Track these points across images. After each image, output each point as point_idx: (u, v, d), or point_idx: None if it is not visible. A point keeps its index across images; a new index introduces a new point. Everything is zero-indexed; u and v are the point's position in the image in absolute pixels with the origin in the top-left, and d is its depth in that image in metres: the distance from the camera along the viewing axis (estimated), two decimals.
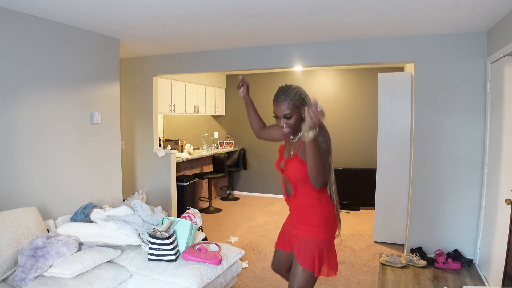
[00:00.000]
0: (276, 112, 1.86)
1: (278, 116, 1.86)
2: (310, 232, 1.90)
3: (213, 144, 6.96)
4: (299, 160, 1.84)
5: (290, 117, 1.83)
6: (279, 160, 2.03)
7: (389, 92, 4.23)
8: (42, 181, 3.09)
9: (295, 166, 1.85)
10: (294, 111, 1.82)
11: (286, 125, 1.85)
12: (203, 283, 2.49)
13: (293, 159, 1.88)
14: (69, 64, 3.31)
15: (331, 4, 2.76)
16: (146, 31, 3.59)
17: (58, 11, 2.90)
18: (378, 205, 4.36)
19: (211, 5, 2.79)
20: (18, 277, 2.28)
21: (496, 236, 3.06)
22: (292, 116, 1.83)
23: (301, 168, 1.82)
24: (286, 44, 4.19)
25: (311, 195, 1.88)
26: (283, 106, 1.82)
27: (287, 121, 1.84)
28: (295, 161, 1.86)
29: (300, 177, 1.84)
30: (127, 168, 4.97)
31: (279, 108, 1.83)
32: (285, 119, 1.84)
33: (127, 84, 4.96)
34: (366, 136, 6.03)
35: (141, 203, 3.10)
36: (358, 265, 3.67)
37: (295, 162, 1.86)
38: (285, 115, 1.83)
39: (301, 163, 1.82)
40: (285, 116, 1.83)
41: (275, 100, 1.86)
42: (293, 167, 1.86)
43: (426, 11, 2.92)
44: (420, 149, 3.76)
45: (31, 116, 2.99)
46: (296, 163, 1.85)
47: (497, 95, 3.20)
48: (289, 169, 1.87)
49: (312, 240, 1.88)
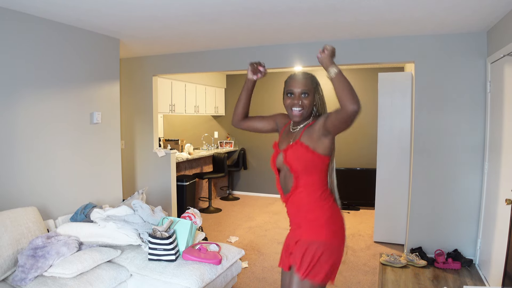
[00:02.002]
0: (292, 88, 1.70)
1: (293, 92, 1.70)
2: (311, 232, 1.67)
3: (213, 144, 6.96)
4: (304, 145, 1.66)
5: (307, 96, 1.69)
6: (275, 156, 1.81)
7: (389, 92, 4.23)
8: (42, 181, 3.09)
9: (299, 152, 1.66)
10: (311, 91, 1.70)
11: (300, 105, 1.68)
12: (203, 283, 2.49)
13: (295, 144, 1.69)
14: (69, 64, 3.31)
15: (330, 4, 2.76)
16: (146, 31, 3.59)
17: (58, 11, 2.90)
18: (378, 205, 4.36)
19: (211, 5, 2.79)
20: (18, 277, 2.28)
21: (496, 236, 3.06)
22: (309, 95, 1.69)
23: (306, 155, 1.64)
24: (286, 44, 4.19)
25: (314, 187, 1.67)
26: (301, 82, 1.69)
27: (303, 100, 1.68)
28: (298, 146, 1.67)
29: (304, 164, 1.65)
30: (127, 168, 4.97)
31: (297, 84, 1.69)
32: (302, 97, 1.69)
33: (127, 84, 4.96)
34: (366, 136, 6.02)
35: (141, 203, 3.10)
36: (358, 265, 3.67)
37: (299, 147, 1.67)
38: (303, 91, 1.68)
39: (306, 149, 1.65)
40: (302, 93, 1.68)
41: (292, 78, 1.73)
42: (296, 152, 1.67)
43: (426, 11, 2.92)
44: (420, 149, 3.76)
45: (31, 116, 2.99)
46: (300, 148, 1.66)
47: (497, 95, 3.20)
48: (291, 156, 1.68)
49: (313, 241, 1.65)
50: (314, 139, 1.66)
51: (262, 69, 1.90)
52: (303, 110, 1.70)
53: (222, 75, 6.98)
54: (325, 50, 1.56)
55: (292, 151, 1.68)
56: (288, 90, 1.73)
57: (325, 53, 1.56)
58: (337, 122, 1.54)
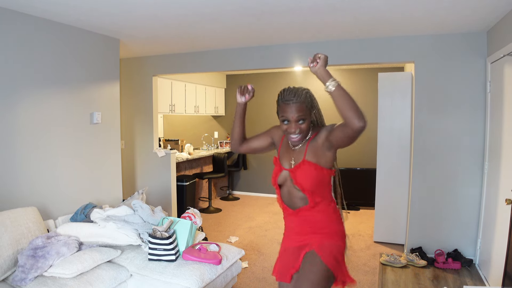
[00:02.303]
0: (286, 116, 1.62)
1: (288, 120, 1.62)
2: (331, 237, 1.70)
3: (213, 144, 6.96)
4: (311, 164, 1.63)
5: (304, 121, 1.62)
6: (277, 172, 1.74)
7: (389, 92, 4.23)
8: (42, 181, 3.09)
9: (308, 172, 1.62)
10: (307, 114, 1.62)
11: (298, 131, 1.63)
12: (203, 283, 2.49)
13: (302, 164, 1.65)
14: (69, 64, 3.31)
15: (330, 4, 2.76)
16: (146, 31, 3.59)
17: (58, 11, 2.90)
18: (378, 205, 4.36)
19: (211, 5, 2.79)
20: (18, 277, 2.28)
21: (496, 236, 3.06)
22: (305, 120, 1.62)
23: (315, 172, 1.62)
24: (286, 44, 4.19)
25: (326, 201, 1.70)
26: (295, 108, 1.59)
27: (300, 126, 1.62)
28: (306, 166, 1.63)
29: (315, 182, 1.63)
30: (127, 168, 4.97)
31: (290, 111, 1.60)
32: (298, 124, 1.62)
33: (127, 84, 4.96)
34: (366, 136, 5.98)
35: (141, 203, 3.10)
36: (358, 265, 3.67)
37: (307, 167, 1.63)
38: (298, 118, 1.60)
39: (314, 167, 1.62)
40: (297, 120, 1.61)
41: (284, 102, 1.62)
42: (305, 173, 1.63)
43: (426, 11, 2.92)
44: (420, 149, 3.76)
45: (31, 116, 2.99)
46: (308, 167, 1.63)
47: (497, 95, 3.20)
48: (302, 177, 1.64)
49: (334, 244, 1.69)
50: (319, 155, 1.64)
51: (250, 87, 1.82)
52: (301, 135, 1.65)
53: (222, 75, 6.98)
54: (317, 59, 1.47)
55: (302, 172, 1.64)
56: (282, 117, 1.64)
57: (318, 63, 1.46)
58: (343, 138, 1.52)
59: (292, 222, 1.78)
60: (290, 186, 1.71)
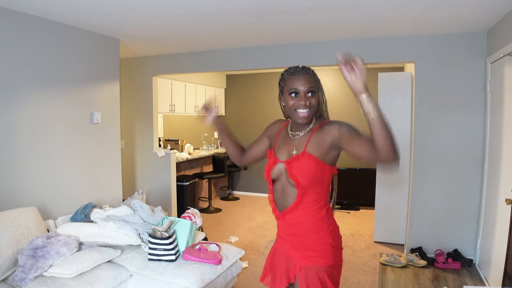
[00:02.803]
0: (295, 87, 1.46)
1: (298, 91, 1.46)
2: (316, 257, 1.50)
3: (213, 144, 6.95)
4: (312, 157, 1.46)
5: (313, 94, 1.47)
6: (271, 165, 1.56)
7: (389, 92, 4.23)
8: (42, 181, 3.09)
9: (306, 165, 1.45)
10: (316, 89, 1.48)
11: (308, 105, 1.46)
12: (203, 283, 2.49)
13: (301, 156, 1.47)
14: (69, 64, 3.31)
15: (330, 4, 2.76)
16: (146, 31, 3.59)
17: (58, 11, 2.90)
18: (378, 205, 4.36)
19: (211, 5, 2.79)
20: (18, 277, 2.28)
21: (496, 236, 3.06)
22: (315, 93, 1.47)
23: (315, 167, 1.45)
24: (286, 44, 4.19)
25: (317, 204, 1.50)
26: (305, 79, 1.45)
27: (310, 99, 1.46)
28: (306, 158, 1.46)
29: (312, 178, 1.46)
30: (127, 168, 4.97)
31: (299, 82, 1.45)
32: (308, 96, 1.46)
33: (127, 84, 4.96)
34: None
35: (141, 203, 3.10)
36: (358, 265, 3.67)
37: (306, 159, 1.46)
38: (308, 89, 1.45)
39: (315, 161, 1.45)
40: (309, 91, 1.46)
41: (291, 74, 1.48)
42: (303, 165, 1.46)
43: (426, 11, 2.92)
44: (420, 149, 3.76)
45: (31, 116, 2.99)
46: (308, 160, 1.46)
47: (497, 95, 3.20)
48: (298, 169, 1.46)
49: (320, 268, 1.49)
50: (323, 150, 1.47)
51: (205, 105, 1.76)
52: (310, 111, 1.47)
53: (222, 75, 6.98)
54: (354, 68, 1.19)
55: (299, 164, 1.47)
56: (291, 89, 1.47)
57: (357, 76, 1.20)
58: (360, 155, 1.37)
59: (284, 229, 1.60)
60: (285, 181, 1.53)
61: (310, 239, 1.52)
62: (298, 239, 1.54)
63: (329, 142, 1.47)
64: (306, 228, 1.52)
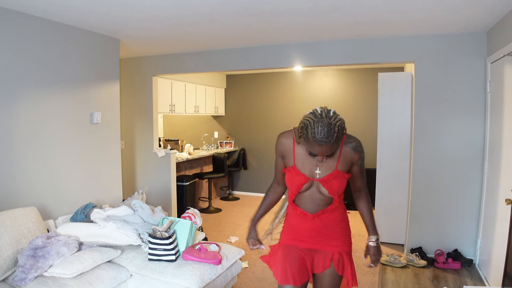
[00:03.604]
0: (316, 153, 1.58)
1: (317, 154, 1.60)
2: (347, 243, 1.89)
3: (213, 144, 6.96)
4: (344, 174, 1.71)
5: (333, 155, 1.66)
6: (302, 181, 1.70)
7: (389, 92, 4.23)
8: (42, 181, 3.09)
9: (340, 181, 1.70)
10: (338, 147, 1.62)
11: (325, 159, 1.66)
12: (203, 283, 2.49)
13: (336, 175, 1.69)
14: (69, 64, 3.31)
15: (330, 4, 2.76)
16: (146, 31, 3.59)
17: (58, 11, 2.90)
18: (378, 205, 4.36)
19: (211, 5, 2.79)
20: (18, 277, 2.28)
21: (496, 236, 3.06)
22: (334, 153, 1.65)
23: (345, 181, 1.73)
24: (286, 44, 4.19)
25: (342, 202, 1.87)
26: (326, 148, 1.53)
27: (327, 157, 1.66)
28: (340, 176, 1.70)
29: (343, 189, 1.74)
30: (127, 168, 4.97)
31: (323, 151, 1.55)
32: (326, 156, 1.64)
33: (127, 84, 4.96)
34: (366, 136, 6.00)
35: (141, 203, 3.10)
36: (358, 265, 3.66)
37: (341, 177, 1.70)
38: (328, 154, 1.61)
39: (345, 176, 1.72)
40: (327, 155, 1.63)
41: (316, 143, 1.51)
42: (339, 182, 1.70)
43: (426, 11, 2.92)
44: (420, 149, 3.76)
45: (31, 116, 2.99)
46: (342, 177, 1.70)
47: (497, 95, 3.20)
48: (335, 186, 1.69)
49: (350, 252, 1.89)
50: (347, 166, 1.73)
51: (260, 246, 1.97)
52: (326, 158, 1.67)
53: (222, 75, 6.98)
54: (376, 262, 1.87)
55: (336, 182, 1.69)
56: (311, 151, 1.60)
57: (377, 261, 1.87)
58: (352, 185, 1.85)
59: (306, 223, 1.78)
60: (314, 191, 1.73)
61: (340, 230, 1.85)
62: (330, 232, 1.80)
63: (350, 162, 1.73)
64: (339, 222, 1.82)
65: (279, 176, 1.87)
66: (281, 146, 1.77)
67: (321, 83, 6.34)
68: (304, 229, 1.79)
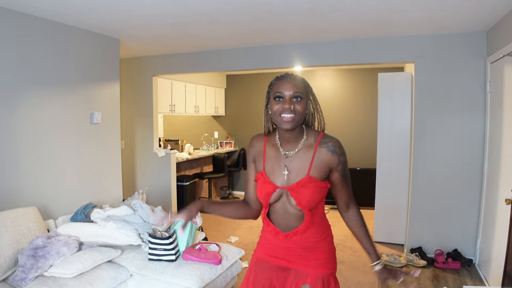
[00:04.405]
0: (282, 91, 1.39)
1: (283, 96, 1.38)
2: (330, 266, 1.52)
3: (213, 144, 6.96)
4: (316, 181, 1.42)
5: (300, 100, 1.39)
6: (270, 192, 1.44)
7: (389, 92, 4.23)
8: (42, 181, 3.10)
9: (312, 189, 1.41)
10: (304, 95, 1.40)
11: (292, 110, 1.37)
12: (203, 283, 2.49)
13: (307, 181, 1.41)
14: (69, 64, 3.31)
15: (330, 4, 2.77)
16: (146, 31, 3.59)
17: (58, 11, 2.90)
18: (378, 205, 4.36)
19: (211, 5, 2.79)
20: (18, 277, 2.28)
21: (496, 236, 3.06)
22: (302, 99, 1.39)
23: (320, 189, 1.43)
24: (286, 44, 4.19)
25: (323, 217, 1.52)
26: (291, 84, 1.39)
27: (295, 104, 1.38)
28: (312, 183, 1.41)
29: (318, 200, 1.44)
30: (127, 168, 4.97)
31: (288, 86, 1.38)
32: (293, 101, 1.38)
33: (127, 84, 4.96)
34: (366, 136, 6.03)
35: (141, 203, 3.10)
36: (358, 265, 3.67)
37: (312, 185, 1.41)
38: (296, 94, 1.38)
39: (319, 184, 1.42)
40: (294, 96, 1.38)
41: (280, 79, 1.42)
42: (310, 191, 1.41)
43: (426, 11, 2.92)
44: (420, 149, 3.76)
45: (30, 116, 2.99)
46: (314, 185, 1.41)
47: (497, 95, 3.20)
48: (304, 196, 1.41)
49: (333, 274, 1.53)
50: (324, 173, 1.45)
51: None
52: (295, 116, 1.38)
53: (222, 75, 6.98)
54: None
55: (306, 191, 1.41)
56: (276, 94, 1.40)
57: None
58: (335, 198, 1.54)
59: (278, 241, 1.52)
60: (286, 202, 1.46)
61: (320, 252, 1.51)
62: (307, 252, 1.50)
63: (327, 167, 1.45)
64: (317, 242, 1.50)
65: (250, 190, 1.57)
66: (253, 149, 1.56)
67: (321, 83, 6.34)
68: (277, 246, 1.53)
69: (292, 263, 1.51)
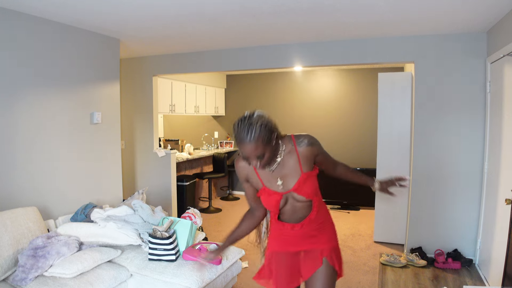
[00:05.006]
0: (245, 154, 1.55)
1: (247, 157, 1.56)
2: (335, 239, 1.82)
3: (213, 144, 6.96)
4: (310, 173, 1.68)
5: (262, 157, 1.55)
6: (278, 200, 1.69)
7: (389, 92, 4.23)
8: (43, 181, 3.10)
9: (310, 182, 1.68)
10: (265, 148, 1.54)
11: (259, 163, 1.56)
12: (203, 283, 2.49)
13: (305, 177, 1.67)
14: (69, 64, 3.31)
15: (330, 4, 2.77)
16: (146, 31, 3.59)
17: (58, 11, 2.90)
18: (378, 205, 4.36)
19: (211, 5, 2.79)
20: (18, 277, 2.28)
21: (496, 236, 3.06)
22: (264, 154, 1.54)
23: (314, 179, 1.70)
24: (286, 44, 4.19)
25: (320, 196, 1.78)
26: (250, 148, 1.52)
27: (260, 160, 1.56)
28: (308, 177, 1.67)
29: (316, 188, 1.71)
30: (127, 168, 4.97)
31: (246, 151, 1.53)
32: (258, 159, 1.56)
33: (127, 84, 4.96)
34: (366, 136, 6.02)
35: (141, 203, 3.10)
36: (358, 265, 3.67)
37: (309, 178, 1.68)
38: (256, 155, 1.54)
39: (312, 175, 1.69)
40: (256, 157, 1.54)
41: (239, 142, 1.55)
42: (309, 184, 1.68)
43: (426, 11, 2.92)
44: (420, 149, 3.76)
45: (31, 116, 2.99)
46: (309, 178, 1.68)
47: (497, 95, 3.20)
48: (307, 189, 1.67)
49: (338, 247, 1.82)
50: (310, 165, 1.70)
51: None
52: (265, 161, 1.57)
53: (222, 75, 6.98)
54: None
55: (307, 185, 1.67)
56: (241, 151, 1.58)
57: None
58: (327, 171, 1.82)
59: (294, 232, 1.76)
60: (292, 202, 1.71)
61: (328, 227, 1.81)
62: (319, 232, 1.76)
63: (313, 157, 1.70)
64: (324, 221, 1.78)
65: (253, 201, 1.84)
66: (243, 171, 1.74)
67: (321, 83, 6.34)
68: (294, 236, 1.78)
69: (308, 245, 1.76)
